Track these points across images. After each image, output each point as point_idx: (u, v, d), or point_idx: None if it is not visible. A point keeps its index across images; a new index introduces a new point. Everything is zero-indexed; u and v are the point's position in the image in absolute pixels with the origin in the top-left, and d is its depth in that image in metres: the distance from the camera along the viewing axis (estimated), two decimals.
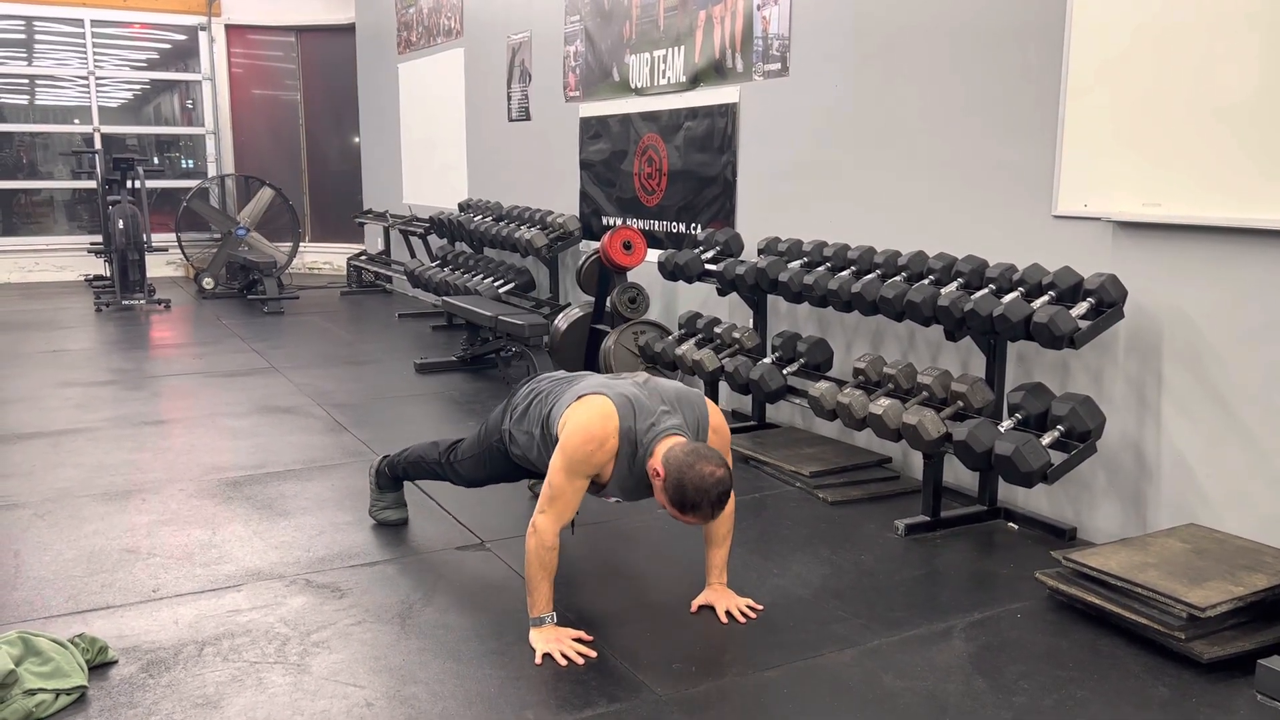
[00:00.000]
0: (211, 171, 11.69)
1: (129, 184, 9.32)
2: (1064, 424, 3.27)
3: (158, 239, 9.91)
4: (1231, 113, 3.10)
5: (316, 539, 3.54)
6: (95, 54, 11.24)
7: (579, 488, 2.71)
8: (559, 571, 2.76)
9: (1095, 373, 3.59)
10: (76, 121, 11.40)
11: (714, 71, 5.39)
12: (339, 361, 6.75)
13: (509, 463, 3.18)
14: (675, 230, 5.84)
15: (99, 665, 2.62)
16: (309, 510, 3.84)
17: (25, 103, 11.35)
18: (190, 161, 12.07)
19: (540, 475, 2.96)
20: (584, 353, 5.75)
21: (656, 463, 2.62)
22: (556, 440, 2.79)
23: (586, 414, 2.72)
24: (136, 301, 9.06)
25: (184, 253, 10.80)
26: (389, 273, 9.71)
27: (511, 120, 7.77)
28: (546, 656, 2.65)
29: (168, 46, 11.74)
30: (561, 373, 3.16)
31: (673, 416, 2.73)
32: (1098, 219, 3.50)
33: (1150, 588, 2.74)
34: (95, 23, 11.15)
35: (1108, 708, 2.48)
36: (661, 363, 5.11)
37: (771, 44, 4.95)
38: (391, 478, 3.66)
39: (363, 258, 10.49)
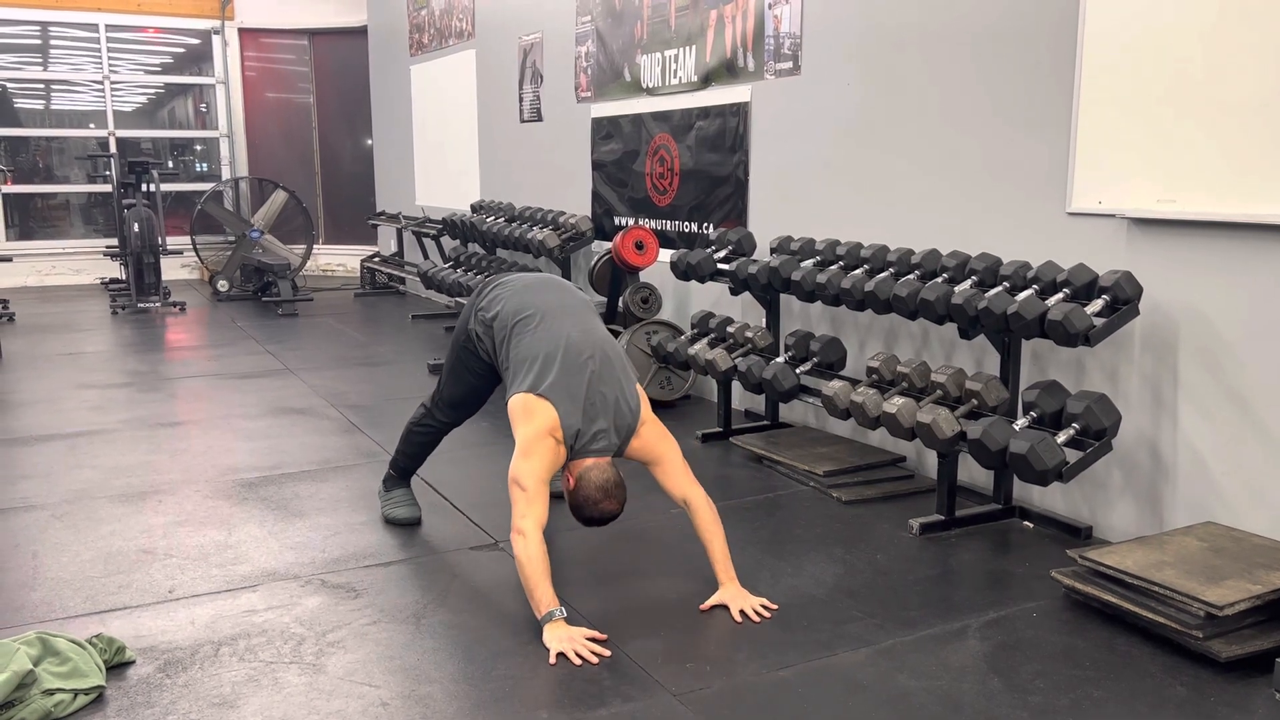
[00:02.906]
0: (225, 174, 11.75)
1: (144, 187, 9.37)
2: (1079, 422, 3.25)
3: (172, 242, 9.97)
4: (1247, 108, 3.07)
5: (331, 539, 3.56)
6: (110, 58, 11.30)
7: (548, 486, 2.91)
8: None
9: (1110, 370, 3.57)
10: (92, 126, 11.47)
11: (725, 71, 5.38)
12: (353, 363, 6.77)
13: (481, 363, 3.31)
14: (687, 230, 5.84)
15: (116, 665, 2.63)
16: (324, 511, 3.85)
17: (41, 107, 11.43)
18: (204, 165, 12.13)
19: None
20: None
21: (574, 474, 2.92)
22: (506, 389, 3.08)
23: (535, 434, 2.87)
24: (152, 304, 9.10)
25: (199, 255, 10.85)
26: (402, 274, 9.73)
27: (523, 121, 7.78)
28: (560, 656, 2.66)
29: (182, 50, 11.80)
30: (526, 275, 3.31)
31: (605, 437, 2.93)
32: (1112, 215, 3.49)
33: (1167, 586, 2.73)
34: (110, 27, 11.21)
35: (1124, 707, 2.46)
36: (674, 362, 5.11)
37: (783, 43, 4.95)
38: (397, 474, 3.71)
39: (376, 259, 10.53)
